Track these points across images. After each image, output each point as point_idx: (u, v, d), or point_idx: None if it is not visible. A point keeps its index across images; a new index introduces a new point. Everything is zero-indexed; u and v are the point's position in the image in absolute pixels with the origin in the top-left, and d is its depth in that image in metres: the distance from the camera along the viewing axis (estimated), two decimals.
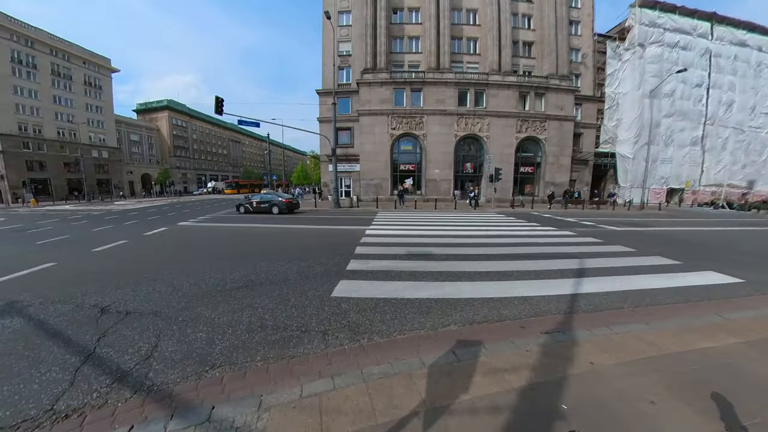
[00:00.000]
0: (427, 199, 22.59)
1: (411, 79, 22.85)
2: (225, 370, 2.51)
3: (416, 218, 12.96)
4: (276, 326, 3.28)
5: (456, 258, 5.94)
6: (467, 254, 6.25)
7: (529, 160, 24.27)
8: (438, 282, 4.54)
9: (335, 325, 3.25)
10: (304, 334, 3.08)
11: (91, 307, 4.03)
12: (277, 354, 2.74)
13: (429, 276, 4.82)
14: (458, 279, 4.68)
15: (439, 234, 8.76)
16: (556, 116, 23.34)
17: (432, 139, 22.95)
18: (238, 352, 2.77)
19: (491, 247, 6.95)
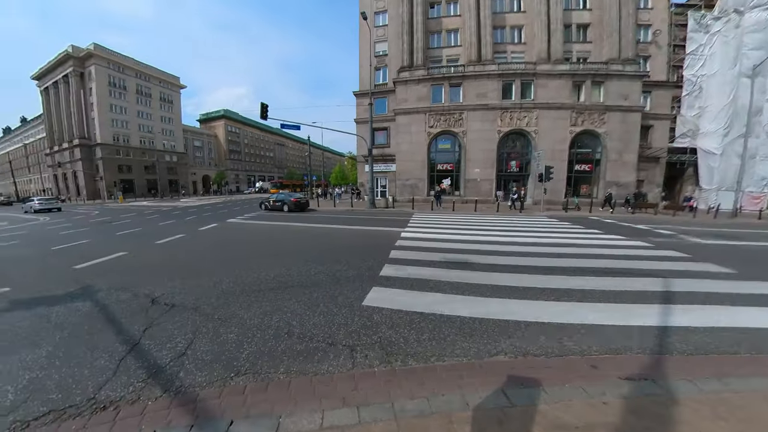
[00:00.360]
0: (466, 201, 21.50)
1: (450, 74, 21.91)
2: (248, 379, 2.45)
3: (454, 221, 12.27)
4: (302, 334, 3.16)
5: (502, 269, 5.32)
6: (515, 265, 5.58)
7: (586, 157, 21.64)
8: (482, 297, 4.04)
9: (365, 341, 3.01)
10: (330, 348, 2.89)
11: (145, 296, 4.43)
12: (300, 368, 2.58)
13: (471, 289, 4.34)
14: (505, 295, 4.12)
15: (481, 240, 8.05)
16: (619, 107, 20.42)
17: (472, 136, 21.75)
18: (262, 360, 2.71)
19: (544, 258, 6.12)
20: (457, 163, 22.85)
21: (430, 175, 23.27)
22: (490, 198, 21.61)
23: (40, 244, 9.40)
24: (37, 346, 3.20)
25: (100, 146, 48.08)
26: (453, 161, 23.02)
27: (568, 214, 15.09)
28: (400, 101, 23.06)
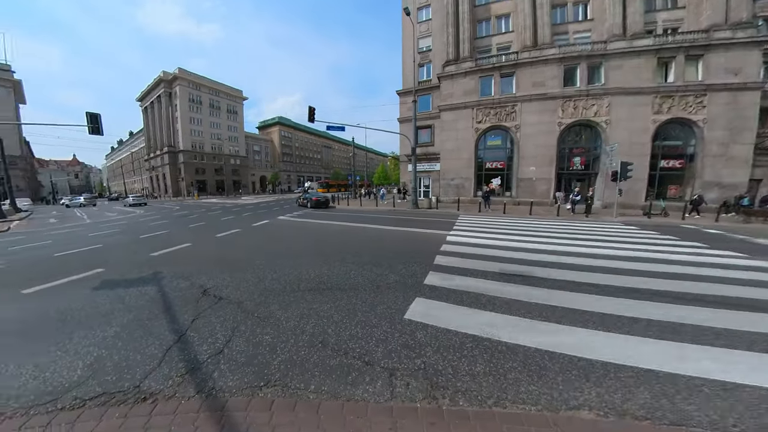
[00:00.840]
0: (518, 202, 19.61)
1: (500, 63, 20.15)
2: (277, 392, 2.32)
3: (507, 225, 11.13)
4: (337, 346, 2.93)
5: (572, 287, 4.44)
6: (588, 283, 4.61)
7: (676, 151, 17.85)
8: (551, 324, 3.33)
9: (406, 364, 2.63)
10: (366, 368, 2.58)
11: (198, 287, 4.74)
12: (331, 389, 2.33)
13: (534, 310, 3.65)
14: (581, 322, 3.35)
15: (542, 249, 7.00)
16: (725, 86, 16.31)
17: (527, 130, 19.70)
18: (293, 372, 2.55)
19: (628, 276, 4.95)
20: (509, 161, 20.94)
21: (478, 174, 21.76)
22: (548, 200, 19.32)
23: (132, 233, 11.35)
24: (109, 324, 3.59)
25: (182, 152, 57.02)
26: (504, 159, 21.16)
27: (652, 221, 12.53)
28: (445, 97, 22.05)
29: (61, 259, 7.27)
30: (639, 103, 17.46)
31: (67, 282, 5.31)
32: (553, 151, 19.21)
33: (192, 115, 58.87)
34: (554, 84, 18.89)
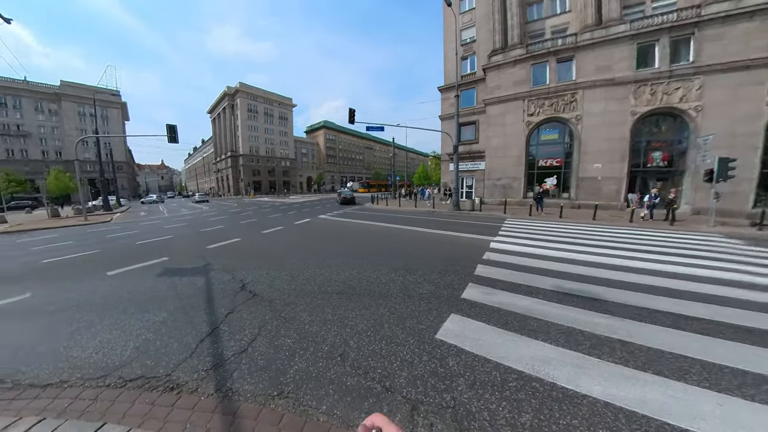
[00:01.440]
0: (578, 205, 17.27)
1: (557, 48, 17.95)
2: (288, 405, 2.20)
3: (564, 232, 9.73)
4: (357, 363, 2.67)
5: (660, 319, 3.48)
6: (686, 316, 3.56)
7: None
8: (629, 368, 2.56)
9: (433, 398, 2.22)
10: (386, 395, 2.25)
11: (238, 281, 4.98)
12: (344, 413, 2.10)
13: (604, 346, 2.90)
14: (677, 372, 2.52)
15: (611, 264, 5.80)
16: None
17: (590, 121, 17.22)
18: (308, 384, 2.42)
19: (743, 311, 3.71)
20: (567, 157, 18.54)
21: (529, 173, 19.75)
22: (617, 202, 16.59)
23: (195, 227, 12.90)
24: (161, 310, 3.95)
25: (242, 156, 64.04)
26: (560, 155, 18.82)
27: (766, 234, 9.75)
28: (491, 89, 20.49)
29: (140, 247, 8.65)
30: (747, 81, 13.89)
31: (140, 267, 6.22)
32: (625, 145, 16.41)
33: (250, 123, 65.53)
34: (624, 66, 16.13)
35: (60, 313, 4.00)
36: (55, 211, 20.56)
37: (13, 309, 4.25)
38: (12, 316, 4.00)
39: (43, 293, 4.84)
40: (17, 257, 7.95)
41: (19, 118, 50.20)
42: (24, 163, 49.47)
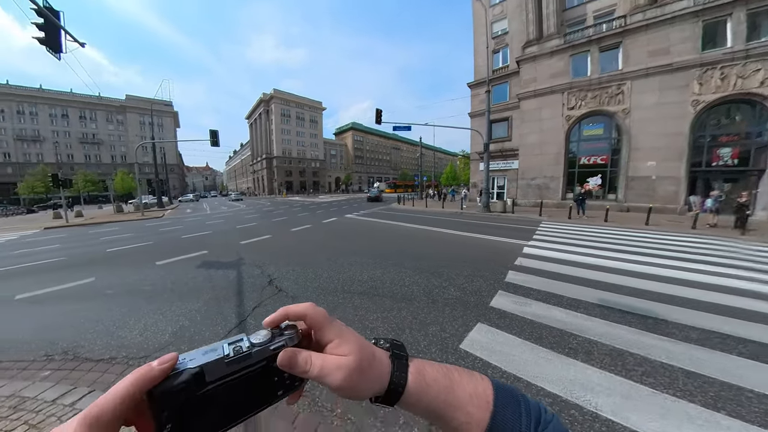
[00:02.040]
0: (628, 208, 15.57)
1: (601, 34, 16.33)
2: (304, 403, 2.16)
3: (609, 238, 8.77)
4: None
5: (732, 347, 2.92)
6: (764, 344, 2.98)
7: None
8: (694, 404, 2.15)
9: None
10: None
11: (266, 276, 5.20)
12: (358, 419, 2.04)
13: (660, 374, 2.47)
14: (756, 417, 2.06)
15: (669, 276, 5.02)
16: None
17: (641, 114, 15.43)
18: (322, 390, 2.30)
19: None
20: (614, 154, 16.79)
21: (568, 172, 18.23)
22: (675, 205, 14.64)
23: (233, 224, 13.90)
24: (197, 299, 4.24)
25: (275, 158, 67.73)
26: (606, 152, 17.09)
27: None
28: (526, 83, 19.27)
29: (185, 240, 9.54)
30: None
31: (184, 258, 6.85)
32: (684, 140, 14.43)
33: (283, 127, 69.03)
34: (686, 49, 14.17)
35: (116, 297, 4.51)
36: (119, 207, 23.79)
37: (79, 291, 4.88)
38: (78, 297, 4.59)
39: (105, 278, 5.53)
40: (88, 246, 9.37)
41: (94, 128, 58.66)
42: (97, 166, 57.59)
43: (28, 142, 52.56)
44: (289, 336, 0.35)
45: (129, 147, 59.48)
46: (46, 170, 39.21)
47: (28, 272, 6.26)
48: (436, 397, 0.36)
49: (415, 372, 0.38)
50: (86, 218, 19.06)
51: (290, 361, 0.34)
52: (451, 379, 0.38)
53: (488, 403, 0.36)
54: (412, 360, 0.40)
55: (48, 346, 3.13)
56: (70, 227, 15.25)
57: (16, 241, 11.37)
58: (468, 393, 0.37)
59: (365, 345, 0.38)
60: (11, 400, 2.22)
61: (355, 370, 0.34)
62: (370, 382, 0.36)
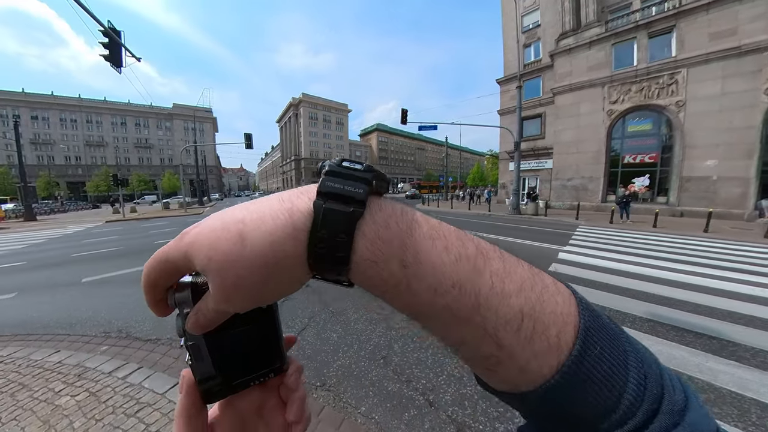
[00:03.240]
0: (682, 213, 13.94)
1: (649, 18, 14.77)
2: (329, 399, 2.20)
3: (659, 245, 7.85)
4: (400, 369, 2.54)
5: None
6: None
7: None
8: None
9: (483, 425, 1.92)
10: (429, 409, 2.06)
11: None
12: (382, 419, 2.00)
13: (728, 402, 2.10)
14: None
15: (735, 292, 4.29)
16: None
17: (699, 107, 13.72)
18: (349, 382, 2.39)
19: None
20: (665, 152, 15.11)
21: (610, 171, 16.73)
22: (741, 210, 12.79)
23: None
24: None
25: (303, 159, 70.53)
26: (655, 149, 15.43)
27: None
28: (560, 77, 18.04)
29: None
30: None
31: None
32: (753, 135, 12.54)
33: (310, 129, 71.70)
34: (758, 29, 12.29)
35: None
36: (166, 204, 26.37)
37: (134, 277, 5.35)
38: (132, 283, 5.02)
39: None
40: (141, 238, 10.48)
41: (146, 133, 65.48)
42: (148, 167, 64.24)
43: (94, 147, 60.10)
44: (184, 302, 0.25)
45: (175, 150, 65.36)
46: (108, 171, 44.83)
47: (92, 259, 7.07)
48: (445, 274, 0.18)
49: (383, 221, 0.19)
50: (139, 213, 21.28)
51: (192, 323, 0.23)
52: (484, 253, 0.20)
53: (572, 318, 0.19)
54: (378, 201, 0.21)
55: (106, 325, 3.50)
56: (126, 221, 17.25)
57: (84, 231, 13.05)
58: (529, 286, 0.19)
59: (227, 218, 0.20)
60: (77, 369, 2.52)
61: (218, 285, 0.19)
62: (259, 269, 0.19)
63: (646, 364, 0.19)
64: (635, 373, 0.18)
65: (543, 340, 0.18)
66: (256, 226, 0.19)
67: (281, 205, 0.20)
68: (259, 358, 0.29)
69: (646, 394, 0.18)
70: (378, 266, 0.18)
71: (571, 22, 17.78)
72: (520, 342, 0.18)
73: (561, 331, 0.18)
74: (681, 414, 0.18)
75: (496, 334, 0.18)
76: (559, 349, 0.18)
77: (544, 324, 0.18)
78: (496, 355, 0.18)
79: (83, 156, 59.13)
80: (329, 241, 0.18)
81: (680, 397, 0.19)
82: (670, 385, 0.19)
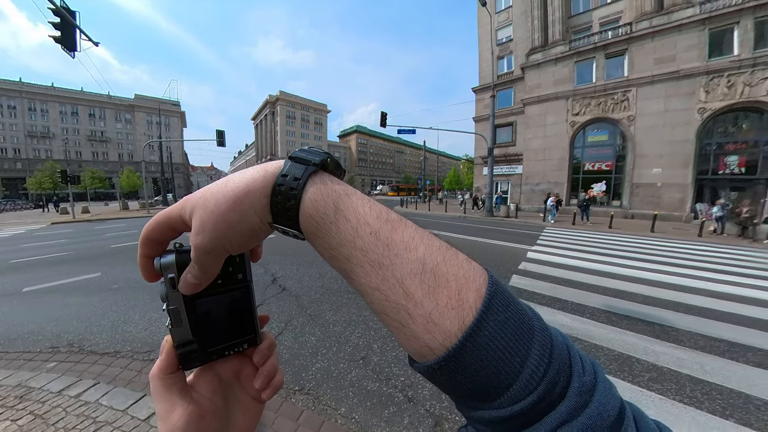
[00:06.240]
0: (632, 215, 15.48)
1: (606, 41, 16.37)
2: (308, 402, 2.18)
3: (613, 244, 8.70)
4: (379, 368, 2.59)
5: (742, 353, 2.88)
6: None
7: None
8: (701, 413, 2.11)
9: (459, 416, 2.01)
10: (408, 405, 2.13)
11: (270, 275, 5.17)
12: (363, 418, 2.02)
13: (668, 379, 2.43)
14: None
15: (676, 284, 4.96)
16: None
17: (646, 121, 15.38)
18: (328, 384, 2.39)
19: None
20: (619, 161, 16.73)
21: (573, 177, 18.17)
22: (681, 213, 14.53)
23: None
24: None
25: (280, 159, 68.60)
26: (610, 158, 17.02)
27: None
28: (530, 88, 19.31)
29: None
30: None
31: None
32: (690, 147, 14.34)
33: (287, 129, 69.60)
34: (692, 57, 14.15)
35: (121, 292, 4.51)
36: (125, 204, 23.91)
37: (86, 285, 4.92)
38: (85, 292, 4.62)
39: (111, 273, 5.54)
40: (94, 241, 9.34)
41: (103, 126, 59.51)
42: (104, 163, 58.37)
43: (37, 139, 53.45)
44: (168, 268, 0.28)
45: (136, 145, 60.22)
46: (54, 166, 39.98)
47: (35, 265, 6.32)
48: (355, 237, 0.23)
49: (320, 185, 0.25)
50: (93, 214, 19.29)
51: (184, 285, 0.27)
52: (404, 221, 0.25)
53: (476, 285, 0.21)
54: (328, 173, 0.27)
55: (54, 339, 3.16)
56: (77, 223, 15.43)
57: (23, 235, 11.53)
58: (435, 260, 0.22)
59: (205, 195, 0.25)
60: (17, 390, 2.24)
61: (199, 230, 0.24)
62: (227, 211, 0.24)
63: (555, 345, 0.20)
64: (539, 348, 0.19)
65: (444, 294, 0.20)
66: (239, 176, 0.26)
67: (261, 166, 0.26)
68: (234, 328, 0.31)
69: (549, 369, 0.19)
70: (318, 205, 0.23)
71: (540, 39, 19.15)
72: (424, 291, 0.20)
73: (463, 288, 0.20)
74: (590, 394, 0.19)
75: (403, 282, 0.21)
76: (461, 308, 0.20)
77: (446, 280, 0.21)
78: (404, 304, 0.21)
79: (24, 148, 52.37)
80: (289, 181, 0.24)
81: (590, 378, 0.20)
82: (581, 367, 0.20)
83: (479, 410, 0.21)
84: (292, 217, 0.24)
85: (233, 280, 0.31)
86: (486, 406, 0.20)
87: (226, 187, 0.24)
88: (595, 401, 0.19)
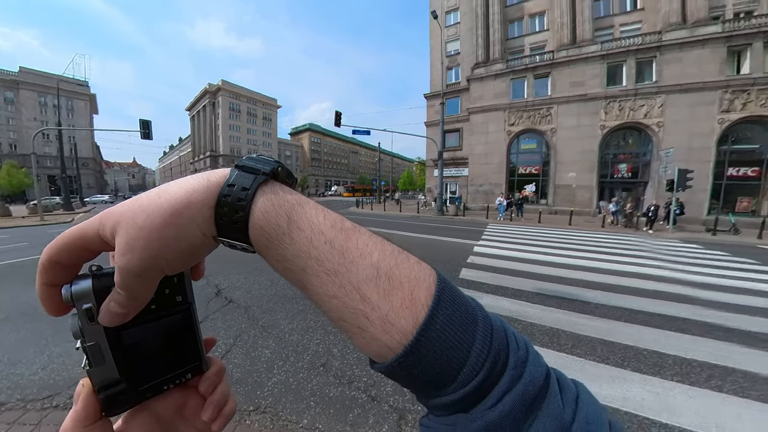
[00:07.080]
0: (555, 211, 18.14)
1: (534, 64, 19.00)
2: (266, 421, 2.03)
3: (543, 237, 10.11)
4: (341, 372, 2.55)
5: (636, 318, 3.68)
6: (658, 314, 3.78)
7: (749, 158, 15.32)
8: (611, 367, 2.64)
9: (420, 405, 2.11)
10: (372, 405, 2.16)
11: (213, 287, 4.66)
12: (326, 427, 1.98)
13: (586, 345, 2.99)
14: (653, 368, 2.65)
15: (587, 266, 6.09)
16: None
17: (564, 134, 18.26)
18: (287, 397, 2.25)
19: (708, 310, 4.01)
20: (545, 166, 19.53)
21: (510, 179, 20.55)
22: (589, 209, 17.62)
23: None
24: None
25: (222, 156, 61.51)
26: (538, 163, 19.78)
27: (718, 239, 10.69)
28: (474, 99, 21.24)
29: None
30: (701, 101, 15.36)
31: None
32: (595, 156, 17.55)
33: (231, 123, 63.43)
34: (596, 84, 17.36)
35: (9, 322, 3.55)
36: (5, 209, 18.49)
37: None
38: None
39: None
40: None
41: None
42: None
43: None
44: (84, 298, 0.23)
45: (22, 134, 47.79)
46: None
47: None
48: (311, 247, 0.23)
49: (271, 193, 0.24)
50: None
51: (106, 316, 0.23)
52: (357, 229, 0.25)
53: (426, 284, 0.23)
54: (279, 183, 0.26)
55: None
56: None
57: None
58: (385, 264, 0.23)
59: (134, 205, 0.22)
60: None
61: (125, 248, 0.21)
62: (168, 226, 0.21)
63: (495, 329, 0.23)
64: (482, 334, 0.22)
65: (398, 296, 0.21)
66: (175, 186, 0.23)
67: (202, 175, 0.24)
68: (173, 358, 0.26)
69: (491, 350, 0.21)
70: (270, 216, 0.22)
71: (483, 56, 21.21)
72: (380, 294, 0.21)
73: (415, 289, 0.22)
74: (524, 366, 0.22)
75: (360, 287, 0.21)
76: (415, 307, 0.21)
77: (400, 282, 0.22)
78: (362, 309, 0.21)
79: None
80: (236, 192, 0.22)
81: (523, 353, 0.23)
82: (515, 344, 0.23)
83: (437, 398, 0.22)
84: (240, 230, 0.23)
85: (171, 303, 0.27)
86: (442, 393, 0.21)
87: (159, 198, 0.22)
88: (527, 371, 0.22)
